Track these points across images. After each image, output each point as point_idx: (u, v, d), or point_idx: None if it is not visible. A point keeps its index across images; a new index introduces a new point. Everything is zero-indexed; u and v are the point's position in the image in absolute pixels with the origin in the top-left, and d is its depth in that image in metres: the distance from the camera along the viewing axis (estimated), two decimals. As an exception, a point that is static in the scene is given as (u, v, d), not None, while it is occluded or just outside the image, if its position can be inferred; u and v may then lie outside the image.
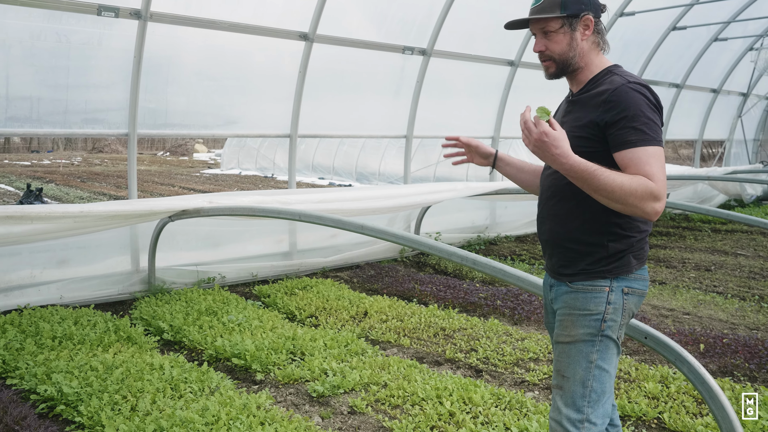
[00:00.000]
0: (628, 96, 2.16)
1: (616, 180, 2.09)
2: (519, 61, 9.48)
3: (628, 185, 2.08)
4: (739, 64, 13.68)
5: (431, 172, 15.14)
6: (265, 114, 7.59)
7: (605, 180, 2.09)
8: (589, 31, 2.32)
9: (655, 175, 2.10)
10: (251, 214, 5.01)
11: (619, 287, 2.28)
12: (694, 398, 3.98)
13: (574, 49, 2.33)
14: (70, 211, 4.85)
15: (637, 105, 2.15)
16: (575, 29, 2.31)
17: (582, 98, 2.33)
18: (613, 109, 2.17)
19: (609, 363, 2.29)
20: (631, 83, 2.19)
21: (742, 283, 7.22)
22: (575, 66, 2.35)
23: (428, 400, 3.87)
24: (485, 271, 3.25)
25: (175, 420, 3.45)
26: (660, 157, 2.13)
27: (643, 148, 2.12)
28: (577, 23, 2.31)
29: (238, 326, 5.11)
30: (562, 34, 2.32)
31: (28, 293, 5.64)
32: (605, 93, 2.21)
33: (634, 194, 2.08)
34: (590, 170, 2.11)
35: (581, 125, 2.26)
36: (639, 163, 2.11)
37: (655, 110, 2.17)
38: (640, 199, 2.08)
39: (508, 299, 6.16)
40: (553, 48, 2.34)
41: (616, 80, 2.23)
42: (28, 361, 4.22)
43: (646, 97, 2.17)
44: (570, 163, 2.12)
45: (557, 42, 2.33)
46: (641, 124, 2.13)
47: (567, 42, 2.32)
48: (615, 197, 2.10)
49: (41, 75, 5.89)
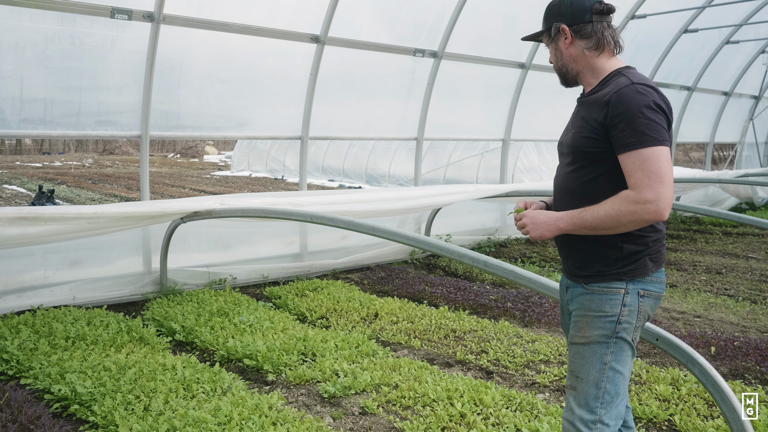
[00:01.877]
0: (629, 97, 2.18)
1: (599, 212, 2.21)
2: (530, 64, 9.48)
3: (614, 209, 2.18)
4: (751, 67, 13.62)
5: (441, 175, 15.16)
6: (277, 116, 7.62)
7: (592, 218, 2.22)
8: (569, 39, 2.40)
9: (637, 183, 2.14)
10: (263, 215, 5.03)
11: (635, 290, 2.29)
12: (705, 400, 3.97)
13: (560, 59, 2.47)
14: (84, 213, 4.89)
15: (637, 106, 2.16)
16: (557, 40, 2.45)
17: (588, 99, 2.37)
18: (613, 111, 2.20)
19: (623, 365, 2.29)
20: (635, 84, 2.21)
21: (753, 286, 7.18)
22: (571, 73, 2.47)
23: (439, 401, 3.88)
24: (497, 273, 3.26)
25: (188, 420, 3.48)
26: (656, 157, 2.14)
27: (638, 152, 2.14)
28: (557, 34, 2.44)
29: (249, 327, 5.14)
30: (552, 47, 2.50)
31: (42, 294, 5.69)
32: (608, 94, 2.24)
33: (622, 214, 2.16)
34: (575, 217, 2.27)
35: (587, 126, 2.30)
36: (630, 172, 2.18)
37: (658, 111, 2.17)
38: (631, 214, 2.15)
39: (519, 301, 6.16)
40: (551, 59, 2.53)
41: (621, 81, 2.26)
42: (41, 361, 4.26)
43: (648, 98, 2.18)
44: (558, 225, 2.30)
45: (552, 54, 2.52)
46: (641, 125, 2.15)
47: (554, 53, 2.50)
48: (610, 225, 2.20)
49: (54, 77, 5.94)
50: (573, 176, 2.37)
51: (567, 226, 2.28)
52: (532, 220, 2.35)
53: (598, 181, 2.30)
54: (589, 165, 2.32)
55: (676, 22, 11.12)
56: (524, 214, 2.40)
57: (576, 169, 2.36)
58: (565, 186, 2.43)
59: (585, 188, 2.32)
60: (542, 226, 2.32)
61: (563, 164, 2.47)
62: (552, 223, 2.31)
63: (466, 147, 14.84)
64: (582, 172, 2.34)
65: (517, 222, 2.41)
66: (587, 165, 2.32)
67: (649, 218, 2.14)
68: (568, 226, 2.28)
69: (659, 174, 2.12)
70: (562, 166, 2.48)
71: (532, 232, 2.35)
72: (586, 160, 2.32)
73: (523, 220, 2.38)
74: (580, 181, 2.34)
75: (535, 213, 2.36)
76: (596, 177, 2.30)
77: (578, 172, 2.35)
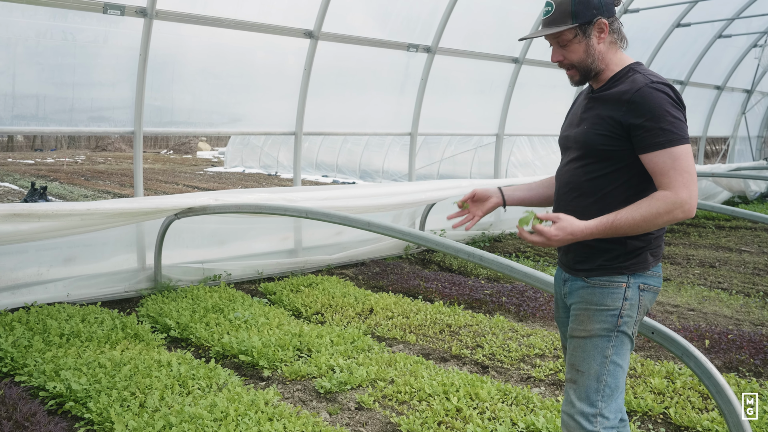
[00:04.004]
0: (652, 96, 2.16)
1: (636, 216, 2.15)
2: (523, 59, 9.47)
3: (651, 212, 2.14)
4: (743, 61, 13.66)
5: (435, 170, 15.16)
6: (270, 112, 7.60)
7: (627, 222, 2.16)
8: (605, 34, 2.30)
9: (672, 183, 2.13)
10: (258, 211, 5.02)
11: (636, 284, 2.30)
12: (699, 393, 3.99)
13: (592, 55, 2.31)
14: (78, 209, 4.87)
15: (662, 105, 2.15)
16: (590, 36, 2.29)
17: (603, 95, 2.31)
18: (637, 110, 2.17)
19: (623, 358, 2.30)
20: (655, 83, 2.19)
21: (746, 279, 7.22)
22: (597, 70, 2.34)
23: (435, 396, 3.89)
24: (492, 268, 3.26)
25: (183, 416, 3.47)
26: (686, 155, 2.14)
27: (668, 150, 2.13)
28: (590, 29, 2.29)
29: (244, 323, 5.13)
30: (577, 43, 2.30)
31: (35, 291, 5.67)
32: (628, 93, 2.20)
33: (660, 216, 2.14)
34: (609, 223, 2.18)
35: (602, 123, 2.26)
36: (662, 171, 2.15)
37: (679, 108, 2.18)
38: (668, 214, 2.14)
39: (514, 296, 6.17)
40: (571, 57, 2.33)
41: (638, 80, 2.22)
42: (36, 359, 4.25)
43: (669, 96, 2.17)
44: (589, 232, 2.19)
45: (574, 51, 2.32)
46: (668, 124, 2.14)
47: (584, 50, 2.31)
48: (645, 227, 2.17)
49: (47, 73, 5.91)
50: (581, 171, 2.34)
51: (600, 236, 2.20)
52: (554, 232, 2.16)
53: (607, 177, 2.28)
54: (599, 161, 2.29)
55: (668, 16, 11.14)
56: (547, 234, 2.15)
57: (585, 164, 2.33)
58: (571, 181, 2.39)
59: (593, 184, 2.30)
60: (566, 238, 2.18)
61: (569, 159, 2.41)
62: (578, 231, 2.18)
63: (459, 142, 14.84)
64: (591, 168, 2.31)
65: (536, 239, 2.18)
66: (597, 161, 2.29)
67: (683, 217, 2.14)
68: (601, 235, 2.20)
69: (690, 172, 2.13)
70: (567, 161, 2.43)
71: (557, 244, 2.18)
72: (598, 156, 2.28)
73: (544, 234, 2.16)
74: (588, 177, 2.31)
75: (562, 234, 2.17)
76: (607, 174, 2.28)
77: (586, 168, 2.32)
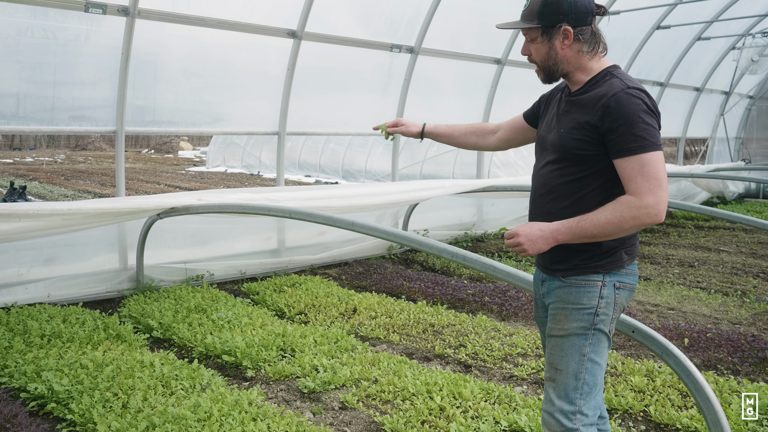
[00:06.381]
0: (626, 102, 2.18)
1: (600, 219, 2.18)
2: (506, 60, 9.52)
3: (615, 215, 2.17)
4: (721, 63, 13.80)
5: (418, 170, 15.16)
6: (253, 111, 7.58)
7: (592, 226, 2.19)
8: (569, 41, 2.32)
9: (638, 189, 2.15)
10: (241, 211, 5.02)
11: (611, 282, 2.33)
12: (679, 391, 4.04)
13: (553, 58, 2.36)
14: (59, 209, 4.84)
15: (635, 111, 2.17)
16: (552, 39, 2.34)
17: (580, 99, 2.34)
18: (611, 115, 2.19)
19: (601, 356, 2.34)
20: (631, 89, 2.21)
21: (725, 278, 7.32)
22: (560, 72, 2.39)
23: (419, 395, 3.90)
24: (475, 268, 3.29)
25: (167, 417, 3.46)
26: (655, 162, 2.16)
27: (638, 157, 2.16)
28: (554, 33, 2.33)
29: (227, 323, 5.12)
30: (540, 43, 2.36)
31: (16, 291, 5.61)
32: (604, 97, 2.23)
33: (625, 220, 2.16)
34: (574, 228, 2.22)
35: (578, 127, 2.29)
36: (630, 177, 2.17)
37: (653, 115, 2.20)
38: (633, 219, 2.16)
39: (496, 295, 6.21)
40: (535, 55, 2.41)
41: (615, 84, 2.25)
42: (17, 360, 4.21)
43: (644, 102, 2.20)
44: (556, 237, 2.25)
45: (537, 50, 2.39)
46: (640, 131, 2.16)
47: (545, 51, 2.37)
48: (612, 231, 2.19)
49: (27, 72, 5.85)
50: (556, 174, 2.36)
51: (565, 237, 2.24)
52: (528, 237, 2.24)
53: (583, 180, 2.30)
54: (575, 164, 2.31)
55: (648, 18, 11.24)
56: (517, 231, 2.26)
57: (560, 167, 2.35)
58: (547, 183, 2.41)
59: (569, 187, 2.32)
60: (539, 242, 2.24)
61: (545, 161, 2.43)
62: (549, 236, 2.24)
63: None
64: (567, 171, 2.33)
65: (509, 240, 2.28)
66: (573, 164, 2.31)
67: (649, 222, 2.16)
68: (567, 237, 2.23)
69: (658, 178, 2.15)
70: (543, 163, 2.45)
71: (529, 249, 2.25)
72: (573, 160, 2.31)
73: (517, 238, 2.25)
74: (564, 179, 2.34)
75: (528, 229, 2.25)
76: (582, 177, 2.30)
77: (563, 171, 2.34)
